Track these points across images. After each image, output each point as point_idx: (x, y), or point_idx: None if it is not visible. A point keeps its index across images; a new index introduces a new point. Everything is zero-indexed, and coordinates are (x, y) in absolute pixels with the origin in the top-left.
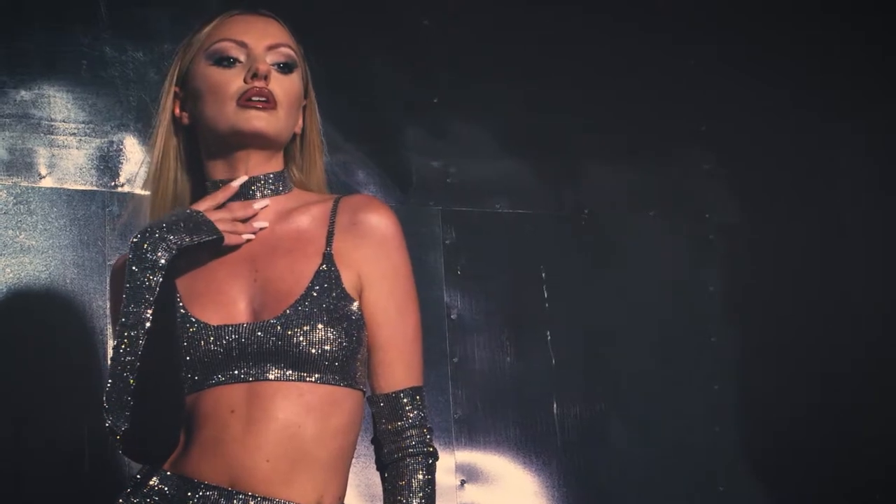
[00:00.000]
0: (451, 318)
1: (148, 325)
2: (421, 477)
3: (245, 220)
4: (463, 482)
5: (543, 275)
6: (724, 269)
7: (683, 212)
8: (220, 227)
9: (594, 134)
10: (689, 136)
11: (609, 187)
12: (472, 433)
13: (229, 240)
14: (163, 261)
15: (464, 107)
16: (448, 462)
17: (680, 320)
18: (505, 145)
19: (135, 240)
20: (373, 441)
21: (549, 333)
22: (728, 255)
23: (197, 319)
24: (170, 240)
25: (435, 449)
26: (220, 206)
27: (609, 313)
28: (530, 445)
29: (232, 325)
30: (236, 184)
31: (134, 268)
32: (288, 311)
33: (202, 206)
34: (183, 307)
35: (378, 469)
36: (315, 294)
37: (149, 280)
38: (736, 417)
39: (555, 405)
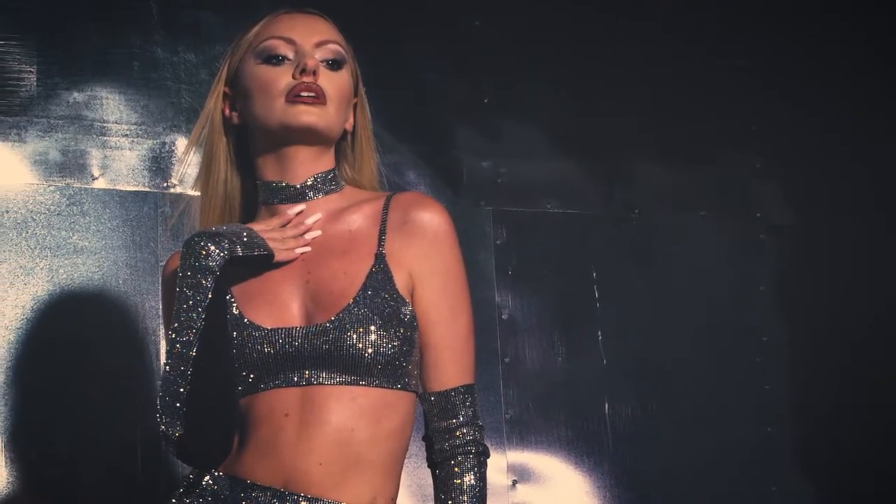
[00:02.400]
0: (502, 319)
1: (200, 329)
2: (472, 475)
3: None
4: (514, 482)
5: (594, 274)
6: (774, 269)
7: (734, 211)
8: (272, 244)
9: (644, 134)
10: (740, 135)
11: (659, 187)
12: (523, 433)
13: (280, 256)
14: (215, 266)
15: (514, 107)
16: (499, 462)
17: (731, 320)
18: (555, 145)
19: (187, 244)
20: (424, 439)
21: (600, 333)
22: (779, 255)
23: (251, 322)
24: (222, 246)
25: (486, 447)
26: (273, 216)
27: (660, 313)
28: (581, 445)
29: (285, 329)
30: (292, 212)
31: (186, 273)
32: (341, 315)
33: (255, 227)
34: (237, 309)
35: (429, 466)
36: (368, 296)
37: (201, 285)
38: (788, 417)
39: (606, 405)
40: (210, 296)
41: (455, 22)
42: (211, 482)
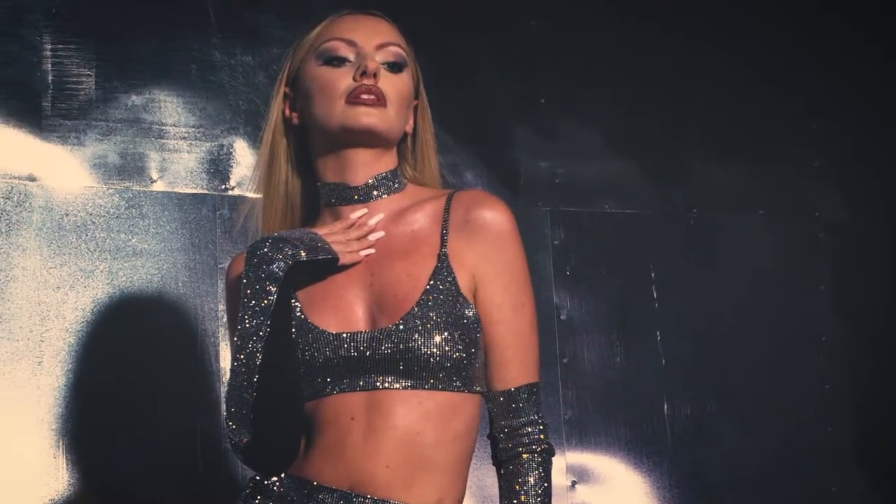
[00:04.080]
0: (560, 319)
1: (265, 336)
2: (537, 473)
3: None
4: (574, 483)
5: (652, 274)
6: (834, 268)
7: (793, 210)
8: (336, 248)
9: (702, 133)
10: (799, 134)
11: (717, 186)
12: (582, 434)
13: (345, 259)
14: (280, 271)
15: (571, 107)
16: (559, 463)
17: (790, 319)
18: (613, 145)
19: (250, 250)
20: (489, 437)
21: (658, 333)
22: (838, 254)
23: (316, 327)
24: (286, 252)
25: (551, 445)
26: (335, 218)
27: (719, 312)
28: (641, 446)
29: (350, 333)
30: (355, 216)
31: (250, 279)
32: (405, 318)
33: (318, 231)
34: (302, 314)
35: (494, 465)
36: (431, 299)
37: (265, 291)
38: (848, 417)
39: (665, 405)
40: (275, 302)
41: (511, 22)
42: (277, 484)
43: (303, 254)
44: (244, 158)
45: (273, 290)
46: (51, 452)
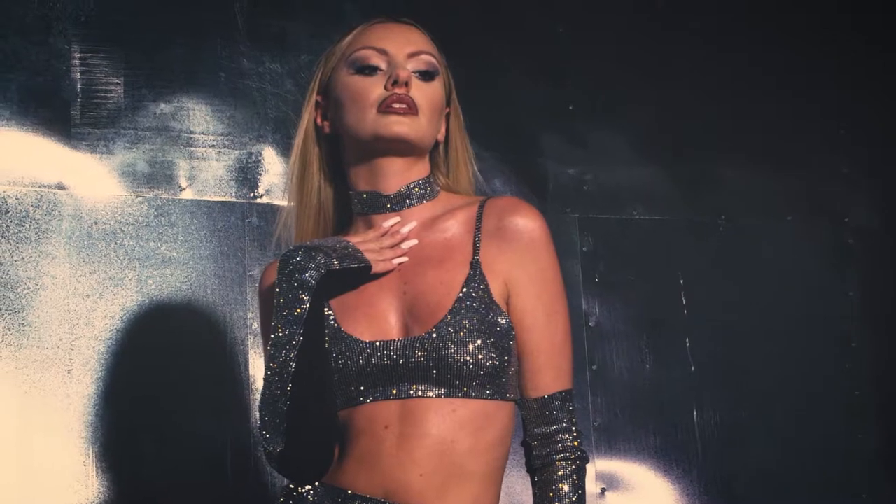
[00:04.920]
0: (589, 326)
1: (299, 345)
2: (571, 480)
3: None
4: (603, 490)
5: (681, 281)
6: (863, 274)
7: (821, 216)
8: (369, 256)
9: (730, 139)
10: (828, 139)
11: (746, 192)
12: (611, 441)
13: (377, 268)
14: (312, 280)
15: (600, 113)
16: (588, 470)
17: (819, 325)
18: (641, 151)
19: (283, 260)
20: (522, 444)
21: (687, 340)
22: (867, 260)
23: (349, 336)
24: (319, 260)
25: (585, 452)
26: (368, 226)
27: (748, 319)
28: (671, 453)
29: (383, 342)
30: (388, 224)
31: (283, 288)
32: (438, 326)
33: (351, 240)
34: (335, 322)
35: (528, 472)
36: (465, 307)
37: (298, 300)
38: (878, 423)
39: (695, 412)
40: (308, 311)
41: (539, 29)
42: (311, 492)
43: (335, 262)
44: (273, 166)
45: (306, 298)
46: (81, 460)
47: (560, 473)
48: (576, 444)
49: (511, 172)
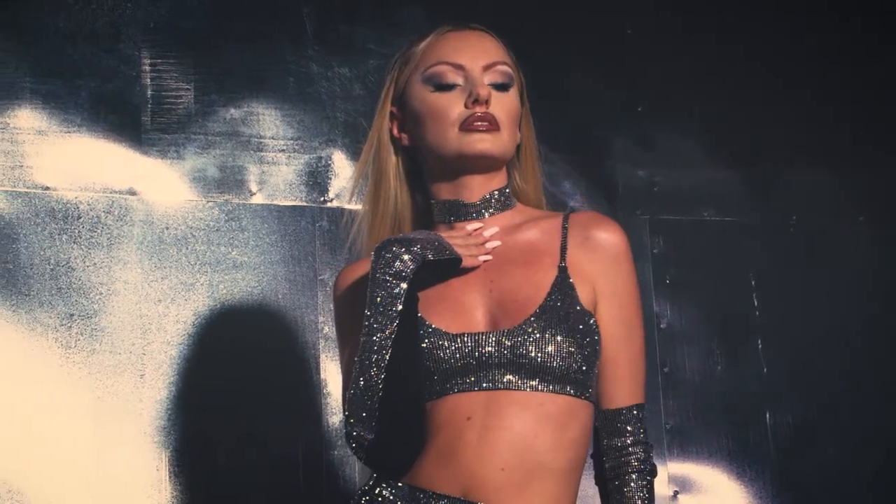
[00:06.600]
0: (660, 328)
1: (393, 334)
2: (642, 495)
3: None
4: (676, 493)
5: (753, 282)
6: None
7: (893, 215)
8: (459, 251)
9: (801, 139)
10: None
11: (817, 193)
12: (683, 443)
13: (467, 262)
14: (407, 270)
15: (669, 115)
16: (661, 473)
17: (892, 327)
18: (711, 153)
19: (378, 250)
20: (592, 456)
21: (760, 342)
22: None
23: (436, 328)
24: (414, 251)
25: (654, 466)
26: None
27: (820, 320)
28: (743, 455)
29: (471, 334)
30: (471, 228)
31: (377, 278)
32: (527, 321)
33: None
34: (420, 315)
35: (597, 483)
36: (555, 306)
37: (393, 290)
38: None
39: (767, 414)
40: (402, 298)
41: (607, 30)
42: (388, 492)
43: (429, 254)
44: (342, 170)
45: (402, 287)
46: (154, 465)
47: (633, 486)
48: (646, 457)
49: (580, 175)
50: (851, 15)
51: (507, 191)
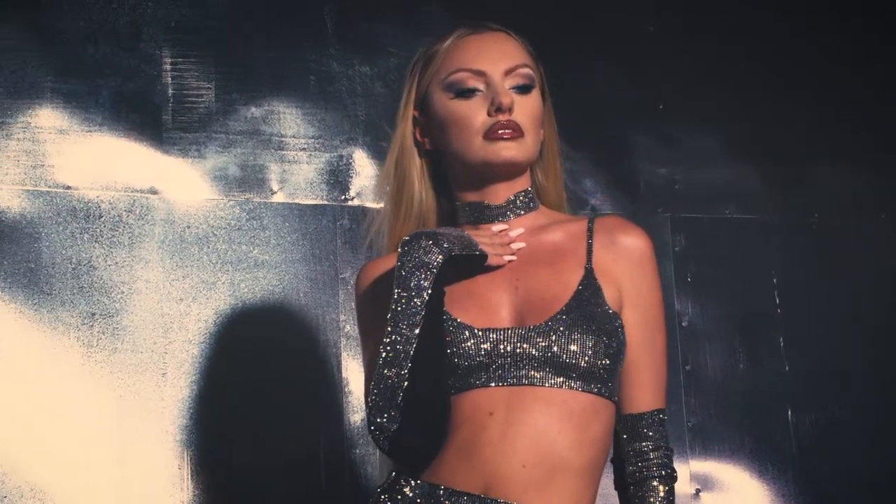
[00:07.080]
0: (682, 326)
1: (419, 326)
2: (663, 499)
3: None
4: (698, 491)
5: (774, 280)
6: None
7: None
8: (485, 249)
9: (822, 137)
10: None
11: (838, 191)
12: (705, 441)
13: (492, 261)
14: (434, 263)
15: (690, 112)
16: (683, 471)
17: None
18: (732, 150)
19: (406, 243)
20: (612, 461)
21: (782, 339)
22: None
23: (461, 322)
24: (442, 245)
25: (675, 471)
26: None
27: (841, 317)
28: (765, 454)
29: (496, 330)
30: (497, 228)
31: (403, 274)
32: (556, 318)
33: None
34: (446, 309)
35: (617, 488)
36: (581, 305)
37: (420, 282)
38: None
39: (789, 412)
40: (429, 293)
41: (629, 28)
42: (407, 489)
43: (457, 248)
44: (364, 169)
45: (429, 280)
46: (176, 464)
47: (654, 491)
48: (667, 462)
49: (601, 173)
50: (875, 14)
51: (531, 192)
